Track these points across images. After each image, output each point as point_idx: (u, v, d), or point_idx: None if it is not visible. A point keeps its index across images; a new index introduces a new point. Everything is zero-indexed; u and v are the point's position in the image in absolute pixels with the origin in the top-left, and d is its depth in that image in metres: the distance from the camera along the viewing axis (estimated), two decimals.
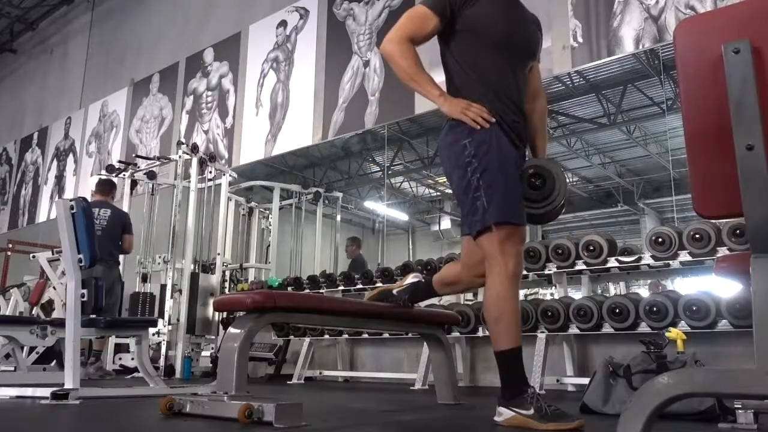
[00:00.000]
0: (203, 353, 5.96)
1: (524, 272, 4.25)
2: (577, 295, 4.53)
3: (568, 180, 2.43)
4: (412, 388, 4.36)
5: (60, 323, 3.48)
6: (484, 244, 2.05)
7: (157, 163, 6.95)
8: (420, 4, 2.20)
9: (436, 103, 2.14)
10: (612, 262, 4.01)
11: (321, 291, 5.50)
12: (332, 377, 5.41)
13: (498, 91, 2.14)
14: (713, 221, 3.52)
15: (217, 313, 6.02)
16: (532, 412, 1.91)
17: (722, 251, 3.52)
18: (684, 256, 3.69)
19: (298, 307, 2.35)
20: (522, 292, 5.46)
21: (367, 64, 6.46)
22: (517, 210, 2.07)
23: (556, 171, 2.20)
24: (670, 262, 3.80)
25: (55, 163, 10.74)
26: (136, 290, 6.34)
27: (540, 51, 2.35)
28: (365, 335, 5.14)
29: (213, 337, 6.01)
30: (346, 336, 5.28)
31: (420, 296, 2.63)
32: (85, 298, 2.87)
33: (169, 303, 5.82)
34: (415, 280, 2.66)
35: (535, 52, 2.31)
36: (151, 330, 5.31)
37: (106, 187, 5.81)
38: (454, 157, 2.12)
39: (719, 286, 3.51)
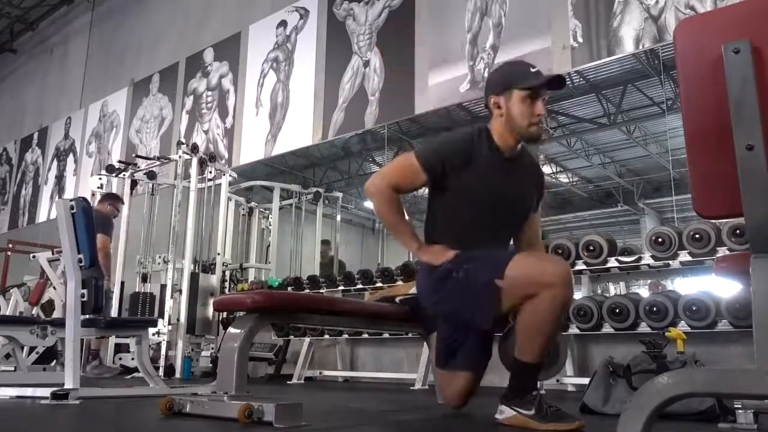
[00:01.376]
0: (203, 353, 5.95)
1: None
2: (577, 295, 4.53)
3: (567, 180, 2.44)
4: (412, 388, 4.36)
5: (60, 323, 3.48)
6: (516, 277, 1.98)
7: (157, 163, 6.94)
8: (413, 153, 2.17)
9: (416, 255, 2.19)
10: (612, 262, 4.01)
11: (321, 291, 5.50)
12: (332, 377, 5.41)
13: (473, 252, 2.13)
14: (713, 221, 3.52)
15: (217, 313, 6.02)
16: (532, 412, 1.91)
17: (722, 251, 3.52)
18: (684, 256, 3.69)
19: (298, 307, 2.35)
20: None
21: (367, 64, 6.46)
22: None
23: (558, 342, 2.27)
24: (670, 262, 3.79)
25: (55, 163, 10.75)
26: (136, 290, 6.34)
27: (532, 210, 2.32)
28: (365, 335, 5.14)
29: (213, 337, 6.00)
30: (346, 336, 5.28)
31: (423, 310, 2.61)
32: (85, 298, 2.87)
33: (169, 303, 5.82)
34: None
35: (527, 215, 2.29)
36: (151, 330, 5.31)
37: (107, 200, 6.01)
38: (431, 283, 2.18)
39: (719, 286, 3.51)
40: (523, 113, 2.09)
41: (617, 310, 3.69)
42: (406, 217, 2.21)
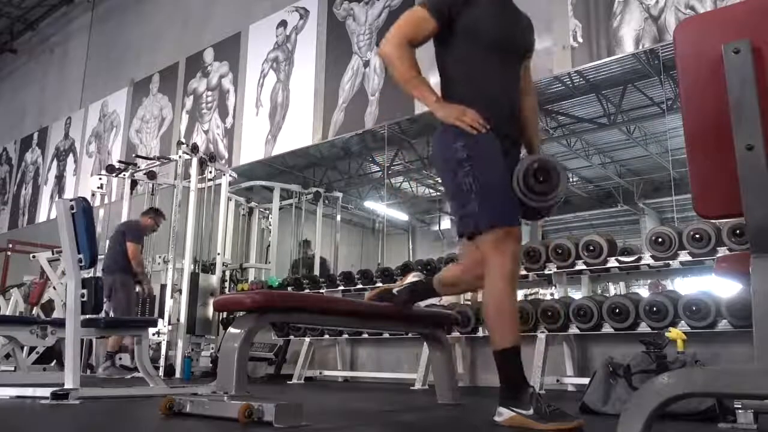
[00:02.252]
0: (203, 353, 5.96)
1: (524, 272, 4.26)
2: (577, 295, 4.53)
3: (567, 180, 2.45)
4: (412, 388, 4.36)
5: (60, 323, 3.48)
6: (480, 246, 2.06)
7: (157, 163, 6.95)
8: (418, 5, 2.20)
9: (431, 108, 2.15)
10: (612, 262, 4.01)
11: (321, 291, 5.50)
12: (332, 377, 5.41)
13: (492, 96, 2.16)
14: (713, 221, 3.52)
15: (217, 313, 6.02)
16: (531, 412, 1.91)
17: (722, 251, 3.52)
18: (684, 256, 3.69)
19: (298, 307, 2.35)
20: (522, 292, 5.46)
21: (367, 64, 6.46)
22: (510, 212, 2.08)
23: (559, 165, 2.22)
24: (670, 262, 3.80)
25: (55, 163, 10.75)
26: (137, 290, 6.33)
27: (533, 50, 2.37)
28: (365, 335, 5.14)
29: (213, 337, 6.01)
30: (346, 336, 5.28)
31: (420, 296, 2.63)
32: (85, 298, 2.87)
33: (169, 303, 5.82)
34: (416, 279, 2.66)
35: (529, 53, 2.33)
36: (151, 330, 5.31)
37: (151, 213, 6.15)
38: (446, 159, 2.13)
39: (719, 286, 3.51)
40: None
41: (617, 310, 3.69)
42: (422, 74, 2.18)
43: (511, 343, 2.01)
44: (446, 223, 12.61)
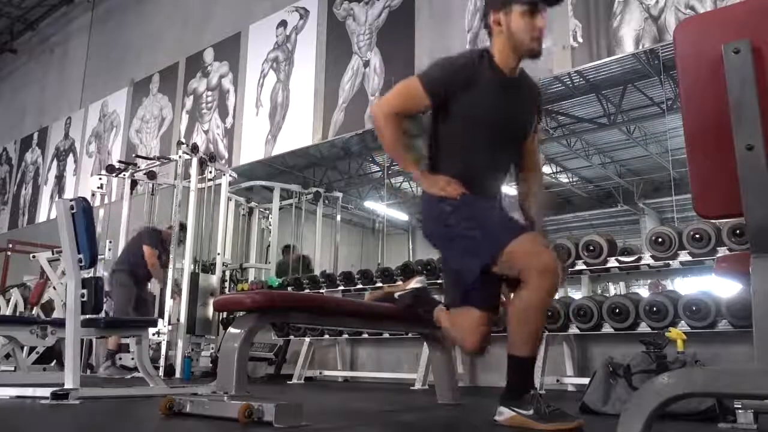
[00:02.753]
0: (203, 353, 5.95)
1: None
2: (577, 295, 4.53)
3: (567, 180, 2.44)
4: (412, 388, 4.36)
5: (60, 323, 3.47)
6: (513, 262, 1.99)
7: (157, 163, 6.95)
8: (418, 76, 2.17)
9: (416, 180, 2.19)
10: (612, 262, 4.01)
11: (321, 291, 5.50)
12: (332, 377, 5.41)
13: (480, 182, 2.15)
14: (713, 221, 3.52)
15: (217, 313, 6.02)
16: (531, 412, 1.91)
17: (722, 251, 3.52)
18: (684, 256, 3.69)
19: (298, 307, 2.35)
20: None
21: (367, 64, 6.46)
22: (517, 226, 2.10)
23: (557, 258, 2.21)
24: (670, 262, 3.79)
25: (55, 163, 10.75)
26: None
27: (533, 128, 2.32)
28: (365, 335, 5.14)
29: (213, 337, 6.00)
30: (346, 336, 5.28)
31: (423, 303, 2.60)
32: (85, 298, 2.87)
33: (169, 303, 5.82)
34: (419, 285, 2.65)
35: (527, 136, 2.28)
36: (151, 330, 5.31)
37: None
38: (433, 217, 2.17)
39: (719, 286, 3.51)
40: (524, 28, 2.09)
41: (617, 310, 3.69)
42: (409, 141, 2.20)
43: (533, 353, 2.02)
44: None
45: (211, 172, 6.37)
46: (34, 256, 7.18)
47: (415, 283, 2.66)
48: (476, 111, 2.14)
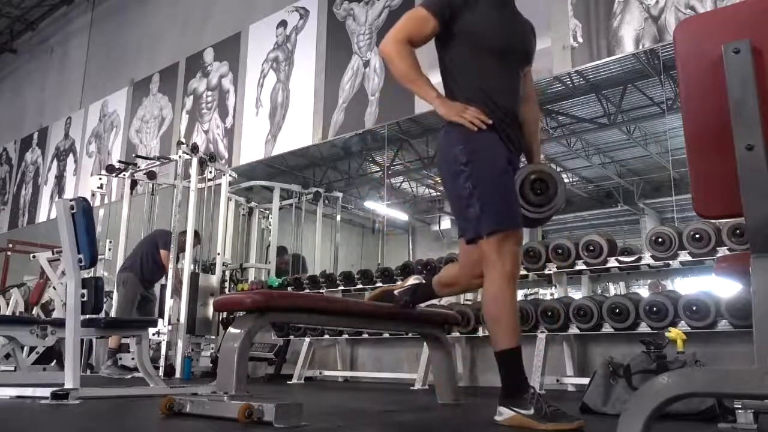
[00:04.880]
0: (203, 353, 5.95)
1: (524, 272, 4.25)
2: (577, 295, 4.53)
3: (567, 180, 2.45)
4: (412, 388, 4.36)
5: (60, 323, 3.47)
6: (481, 248, 2.06)
7: (157, 163, 6.95)
8: (419, 5, 2.20)
9: (433, 105, 2.15)
10: (612, 262, 4.01)
11: (321, 291, 5.50)
12: (332, 377, 5.41)
13: (493, 98, 2.15)
14: (713, 221, 3.52)
15: (217, 313, 6.02)
16: (532, 412, 1.91)
17: (722, 251, 3.52)
18: (684, 256, 3.69)
19: (298, 307, 2.36)
20: (522, 292, 5.46)
21: (367, 64, 6.46)
22: (511, 215, 2.07)
23: (558, 176, 2.21)
24: (670, 262, 3.80)
25: (55, 163, 10.74)
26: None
27: (533, 56, 2.36)
28: (365, 335, 5.14)
29: (213, 337, 6.00)
30: (346, 336, 5.28)
31: (421, 298, 2.63)
32: (85, 298, 2.87)
33: (169, 303, 5.82)
34: (416, 281, 2.66)
35: (530, 58, 2.32)
36: (151, 330, 5.31)
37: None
38: (447, 164, 2.14)
39: (719, 286, 3.51)
40: None
41: (617, 310, 3.69)
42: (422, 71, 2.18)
43: (512, 344, 2.02)
44: (446, 223, 12.61)
45: (211, 172, 6.37)
46: (34, 256, 7.18)
47: (412, 281, 2.67)
48: (479, 27, 2.16)
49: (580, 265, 4.09)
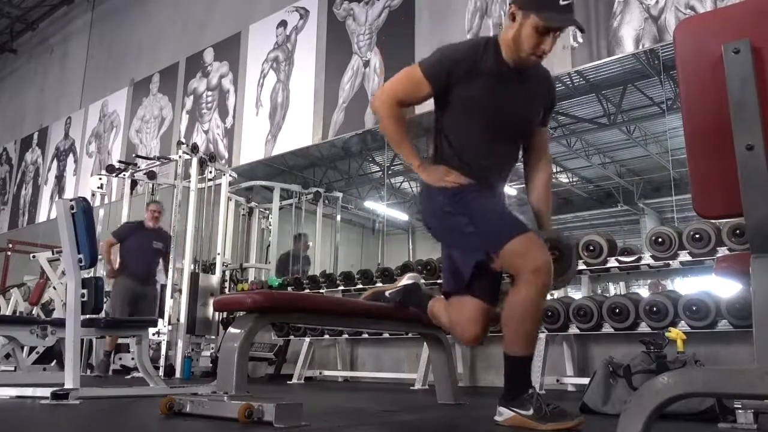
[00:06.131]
0: (203, 353, 5.96)
1: None
2: (577, 295, 4.53)
3: (567, 180, 2.45)
4: (412, 388, 4.36)
5: (60, 323, 3.48)
6: (507, 264, 2.00)
7: (157, 163, 6.95)
8: (418, 63, 2.13)
9: (416, 171, 2.17)
10: (612, 262, 4.01)
11: (321, 291, 5.50)
12: (332, 377, 5.41)
13: (481, 172, 2.13)
14: (713, 221, 3.52)
15: (217, 313, 6.02)
16: (531, 412, 1.91)
17: (722, 251, 3.52)
18: (684, 256, 3.69)
19: (298, 307, 2.35)
20: None
21: (367, 64, 6.46)
22: (515, 224, 2.03)
23: (572, 246, 2.18)
24: (670, 262, 3.79)
25: (55, 163, 10.75)
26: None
27: (550, 114, 2.29)
28: (365, 335, 5.14)
29: (213, 337, 6.00)
30: (346, 336, 5.28)
31: (412, 300, 2.57)
32: (85, 298, 2.87)
33: (169, 303, 5.82)
34: (410, 282, 2.63)
35: (532, 131, 2.24)
36: (151, 330, 5.31)
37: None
38: (434, 214, 2.16)
39: (719, 286, 3.51)
40: (530, 42, 2.02)
41: (617, 310, 3.69)
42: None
43: (529, 351, 2.01)
44: None
45: (211, 172, 6.37)
46: (34, 256, 7.18)
47: (406, 280, 2.65)
48: (475, 100, 2.10)
49: (580, 265, 4.08)
